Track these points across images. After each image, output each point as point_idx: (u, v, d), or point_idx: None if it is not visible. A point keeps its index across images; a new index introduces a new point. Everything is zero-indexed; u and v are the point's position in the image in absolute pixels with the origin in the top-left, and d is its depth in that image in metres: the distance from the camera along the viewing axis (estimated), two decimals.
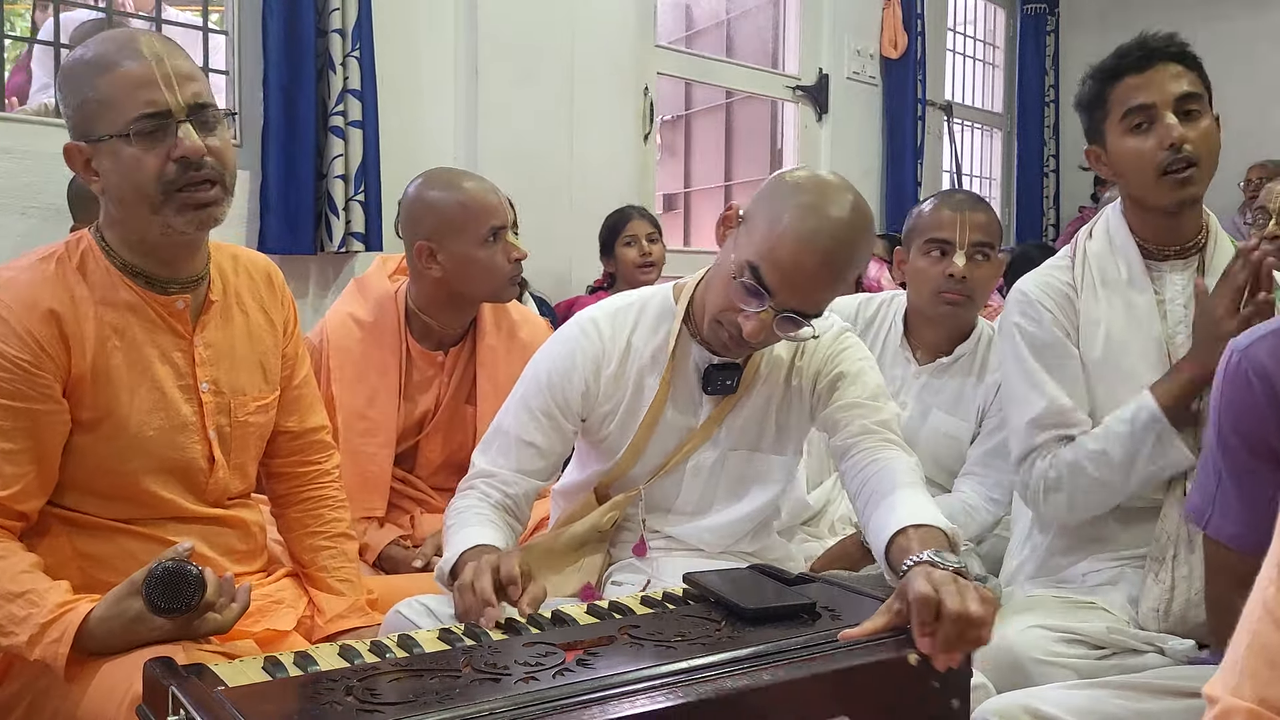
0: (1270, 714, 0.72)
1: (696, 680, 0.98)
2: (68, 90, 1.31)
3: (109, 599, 1.24)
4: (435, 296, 1.99)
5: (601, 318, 1.57)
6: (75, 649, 1.22)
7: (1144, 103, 1.58)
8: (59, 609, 1.23)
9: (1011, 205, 6.20)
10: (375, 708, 0.91)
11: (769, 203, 1.40)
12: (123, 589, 1.24)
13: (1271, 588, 0.75)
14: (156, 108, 1.27)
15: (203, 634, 1.27)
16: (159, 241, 1.35)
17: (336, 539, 1.61)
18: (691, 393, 1.55)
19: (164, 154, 1.28)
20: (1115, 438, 1.57)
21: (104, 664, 1.23)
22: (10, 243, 2.47)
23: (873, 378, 1.54)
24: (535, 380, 1.55)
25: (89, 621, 1.23)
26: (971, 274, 1.99)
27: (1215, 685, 0.76)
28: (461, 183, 1.97)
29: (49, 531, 1.37)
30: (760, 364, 1.56)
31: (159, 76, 1.27)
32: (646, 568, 1.57)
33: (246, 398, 1.49)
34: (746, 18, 5.15)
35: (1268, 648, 0.73)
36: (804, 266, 1.35)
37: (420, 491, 2.09)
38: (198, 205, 1.31)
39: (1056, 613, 1.54)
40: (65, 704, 1.24)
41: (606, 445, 1.59)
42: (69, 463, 1.35)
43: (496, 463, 1.53)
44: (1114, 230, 1.68)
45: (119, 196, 1.32)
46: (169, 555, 1.25)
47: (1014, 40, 6.19)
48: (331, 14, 2.91)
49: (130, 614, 1.23)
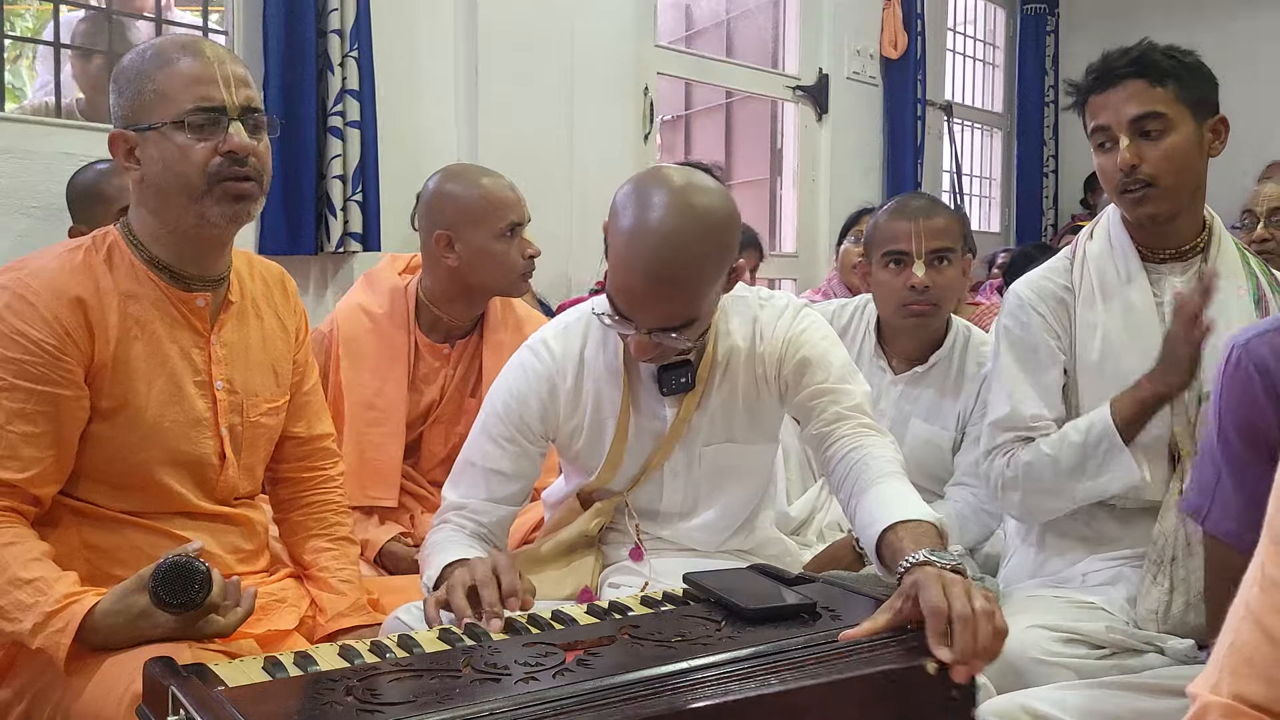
0: (1246, 708, 0.73)
1: (697, 681, 0.98)
2: (124, 82, 1.36)
3: (115, 593, 1.25)
4: (449, 288, 2.03)
5: (551, 337, 1.58)
6: (78, 641, 1.22)
7: (1102, 124, 1.61)
8: (65, 599, 1.23)
9: (1011, 205, 6.20)
10: (375, 708, 0.91)
11: (610, 228, 1.40)
12: (130, 584, 1.25)
13: (1255, 588, 0.76)
14: (212, 103, 1.34)
15: (206, 635, 1.27)
16: (190, 233, 1.39)
17: (338, 541, 1.63)
18: (653, 398, 1.54)
19: (213, 146, 1.34)
20: (1068, 446, 1.59)
21: (104, 663, 1.23)
22: (10, 242, 2.47)
23: (837, 356, 1.52)
24: (493, 409, 1.55)
25: (94, 614, 1.23)
26: (934, 281, 1.95)
27: (1198, 683, 0.77)
28: (482, 178, 2.03)
29: (58, 522, 1.38)
30: (715, 354, 1.54)
31: (219, 76, 1.35)
32: (643, 569, 1.57)
33: (259, 399, 1.51)
34: (746, 18, 5.15)
35: (1248, 645, 0.75)
36: (636, 291, 1.36)
37: (421, 488, 2.11)
38: (236, 197, 1.37)
39: (1056, 613, 1.54)
40: (65, 701, 1.25)
41: (581, 461, 1.59)
42: (85, 450, 1.37)
43: (467, 495, 1.53)
44: (1113, 232, 1.68)
45: (160, 184, 1.36)
46: (177, 551, 1.25)
47: (1014, 40, 6.19)
48: (330, 14, 2.91)
49: (136, 609, 1.24)
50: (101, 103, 2.85)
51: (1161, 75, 1.57)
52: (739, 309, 1.57)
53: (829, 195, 4.79)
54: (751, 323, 1.56)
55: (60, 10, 2.83)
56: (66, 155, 2.40)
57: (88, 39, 2.90)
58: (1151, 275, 1.65)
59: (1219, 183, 1.69)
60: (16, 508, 1.31)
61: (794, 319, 1.55)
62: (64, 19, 2.86)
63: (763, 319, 1.56)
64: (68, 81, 2.88)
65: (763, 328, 1.55)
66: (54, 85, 2.78)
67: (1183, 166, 1.58)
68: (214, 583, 1.26)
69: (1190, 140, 1.58)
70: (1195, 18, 5.45)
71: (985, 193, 6.26)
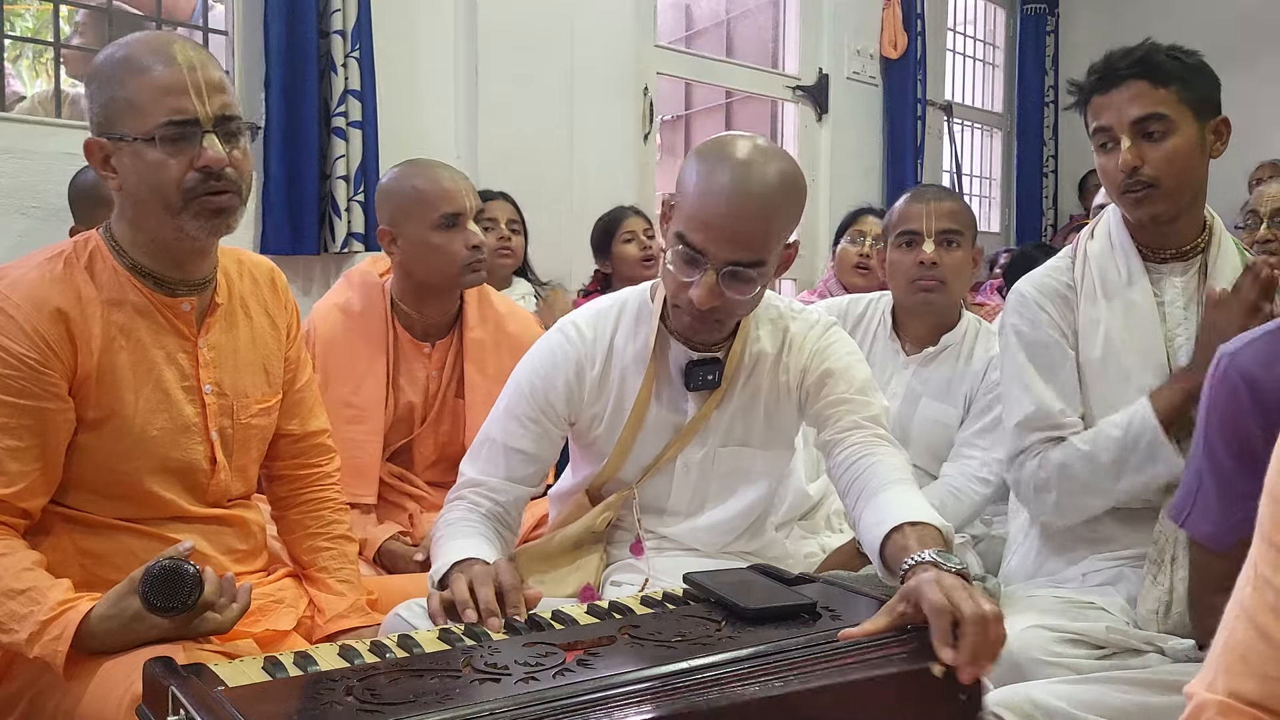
0: (1241, 705, 0.74)
1: (697, 681, 0.97)
2: (96, 85, 1.33)
3: (109, 598, 1.24)
4: (406, 286, 2.04)
5: (583, 321, 1.58)
6: (75, 647, 1.22)
7: (1103, 124, 1.60)
8: (59, 607, 1.23)
9: (1011, 205, 6.20)
10: (375, 708, 0.91)
11: (680, 181, 1.42)
12: (122, 587, 1.24)
13: (1249, 587, 0.77)
14: (185, 115, 1.29)
15: (202, 633, 1.27)
16: (171, 244, 1.37)
17: (337, 540, 1.62)
18: (677, 391, 1.55)
19: (187, 161, 1.30)
20: (1106, 441, 1.58)
21: (104, 664, 1.23)
22: (10, 242, 2.47)
23: (860, 372, 1.54)
24: (519, 388, 1.55)
25: (89, 620, 1.23)
26: (941, 259, 2.06)
27: (1195, 683, 0.78)
28: (420, 170, 2.01)
29: (51, 529, 1.37)
30: (743, 356, 1.55)
31: (190, 85, 1.29)
32: (645, 568, 1.57)
33: (249, 400, 1.50)
34: (746, 18, 5.15)
35: (1242, 643, 0.76)
36: (719, 212, 1.36)
37: (417, 489, 2.11)
38: (214, 212, 1.34)
39: (1056, 612, 1.54)
40: (65, 703, 1.24)
41: (596, 448, 1.59)
42: (72, 461, 1.36)
43: (485, 471, 1.52)
44: (1114, 231, 1.68)
45: (136, 196, 1.33)
46: (167, 554, 1.24)
47: (1014, 40, 6.18)
48: (333, 15, 2.91)
49: (129, 612, 1.23)
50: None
51: (1164, 76, 1.56)
52: (770, 316, 1.58)
53: (829, 195, 4.78)
54: (783, 332, 1.57)
55: (60, 10, 2.83)
56: (66, 155, 2.40)
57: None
58: (1152, 275, 1.65)
59: (1218, 183, 1.69)
60: (6, 521, 1.30)
61: (823, 333, 1.57)
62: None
63: (794, 330, 1.57)
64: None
65: (793, 338, 1.57)
66: (54, 85, 2.78)
67: (1184, 168, 1.57)
68: (207, 582, 1.25)
69: (1192, 142, 1.57)
70: (1194, 18, 5.45)
71: (985, 193, 6.26)
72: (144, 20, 3.02)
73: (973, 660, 1.03)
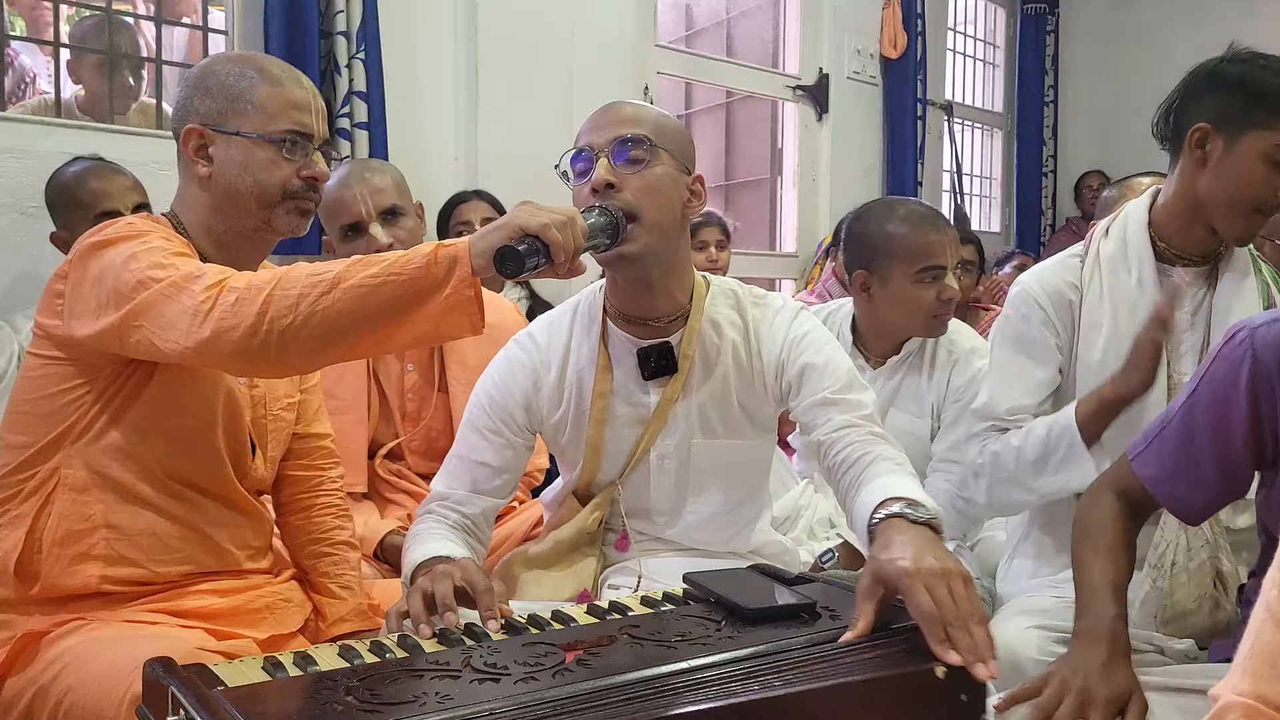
0: (1267, 709, 0.74)
1: (697, 681, 0.98)
2: (213, 84, 1.43)
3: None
4: None
5: (537, 330, 1.61)
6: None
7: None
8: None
9: (1011, 205, 6.20)
10: (375, 708, 0.92)
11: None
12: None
13: (1274, 590, 0.77)
14: (306, 130, 1.45)
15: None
16: (247, 233, 1.45)
17: (338, 546, 1.64)
18: (635, 382, 1.55)
19: (296, 168, 1.44)
20: (1032, 439, 1.61)
21: (104, 663, 1.23)
22: (10, 242, 2.47)
23: (841, 364, 1.52)
24: (478, 401, 1.57)
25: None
26: (958, 289, 2.10)
27: (1221, 685, 0.78)
28: (332, 181, 2.00)
29: (87, 491, 1.38)
30: (699, 340, 1.54)
31: (314, 107, 1.47)
32: (631, 562, 1.57)
33: (279, 394, 1.57)
34: (746, 17, 5.15)
35: (1269, 647, 0.76)
36: (596, 115, 1.48)
37: (413, 484, 2.13)
38: (303, 213, 1.48)
39: (1055, 613, 1.54)
40: (66, 702, 1.25)
41: (568, 455, 1.60)
42: (158, 398, 1.39)
43: (450, 485, 1.54)
44: (1130, 234, 1.66)
45: (233, 184, 1.42)
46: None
47: (1014, 40, 6.18)
48: (337, 16, 2.91)
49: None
50: (101, 100, 2.85)
51: None
52: (727, 300, 1.57)
53: (829, 195, 4.78)
54: (743, 317, 1.56)
55: (60, 10, 2.83)
56: (67, 155, 2.40)
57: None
58: (1162, 278, 1.65)
59: None
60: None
61: (792, 321, 1.55)
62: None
63: (756, 316, 1.56)
64: (68, 81, 2.88)
65: (758, 326, 1.56)
66: (54, 85, 2.78)
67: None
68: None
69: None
70: (1194, 18, 5.45)
71: (985, 192, 6.26)
72: (144, 20, 3.02)
73: (976, 658, 1.03)
